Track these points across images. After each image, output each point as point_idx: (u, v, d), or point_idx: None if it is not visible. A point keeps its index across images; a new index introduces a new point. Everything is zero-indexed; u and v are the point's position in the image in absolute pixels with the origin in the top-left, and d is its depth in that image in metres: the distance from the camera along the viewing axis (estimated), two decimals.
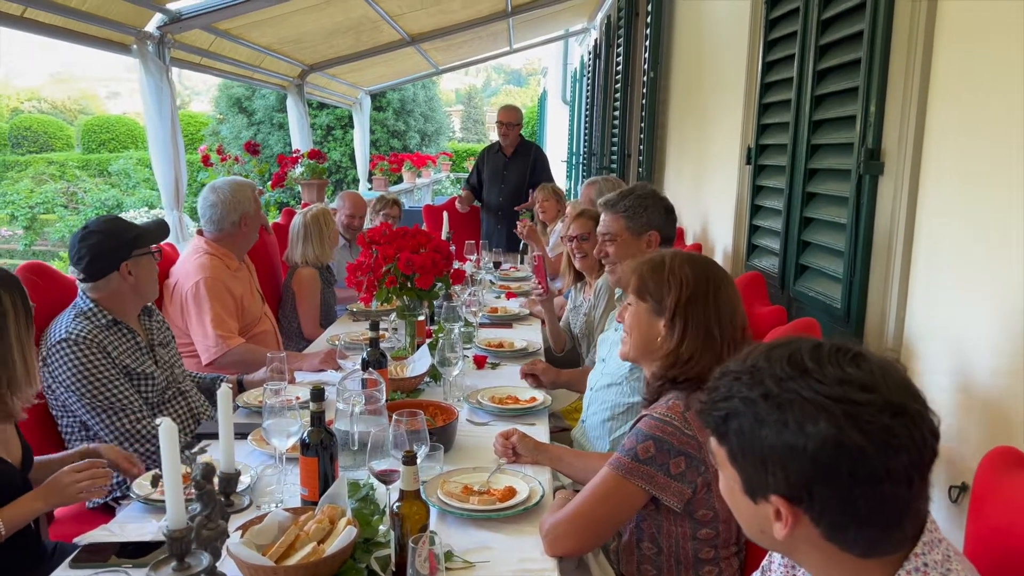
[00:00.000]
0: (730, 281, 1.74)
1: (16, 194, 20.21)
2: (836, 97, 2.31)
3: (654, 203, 2.66)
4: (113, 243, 2.32)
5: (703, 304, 1.67)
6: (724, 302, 1.68)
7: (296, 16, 5.52)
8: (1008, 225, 1.45)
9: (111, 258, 2.31)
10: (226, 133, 17.68)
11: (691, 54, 4.48)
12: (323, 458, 1.71)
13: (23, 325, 1.82)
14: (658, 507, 1.65)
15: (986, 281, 1.53)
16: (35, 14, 3.62)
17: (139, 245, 2.36)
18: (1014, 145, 1.44)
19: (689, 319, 1.67)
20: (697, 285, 1.68)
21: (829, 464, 0.88)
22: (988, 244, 1.54)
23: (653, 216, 2.65)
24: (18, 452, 1.88)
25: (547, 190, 5.37)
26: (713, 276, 1.71)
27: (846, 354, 0.93)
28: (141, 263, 2.37)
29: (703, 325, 1.66)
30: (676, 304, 1.68)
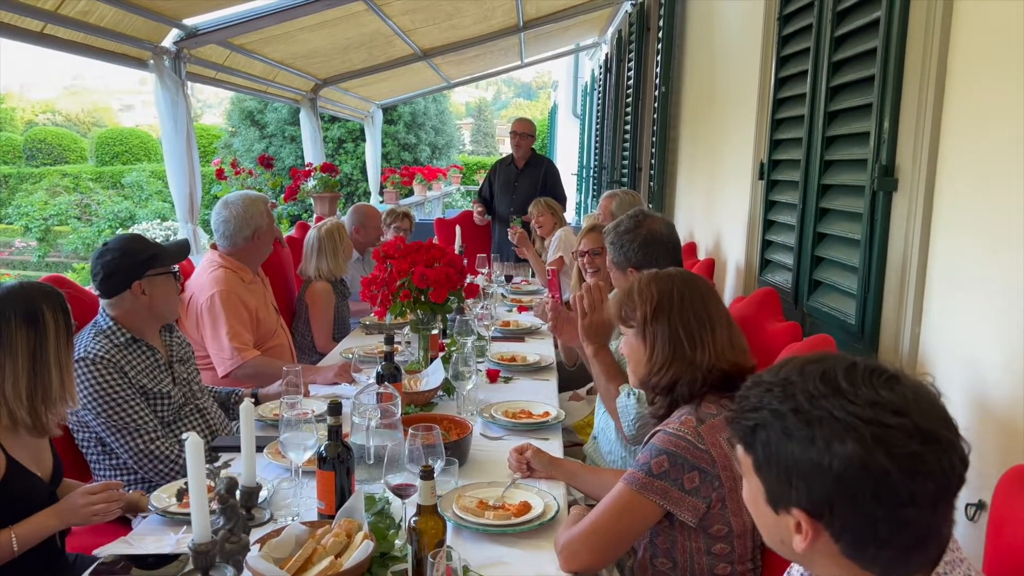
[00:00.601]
0: (699, 288, 1.80)
1: (30, 206, 20.40)
2: (850, 113, 2.31)
3: (632, 238, 2.66)
4: (127, 261, 2.33)
5: (667, 314, 1.75)
6: (688, 308, 1.75)
7: (310, 31, 5.58)
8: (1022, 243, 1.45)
9: (124, 276, 2.33)
10: (238, 146, 17.81)
11: (703, 69, 4.50)
12: (340, 472, 1.72)
13: (63, 341, 1.83)
14: (672, 522, 1.65)
15: (1001, 298, 1.53)
16: (55, 30, 3.67)
17: (154, 265, 2.36)
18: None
19: (657, 330, 1.75)
20: (660, 298, 1.77)
21: (853, 484, 0.89)
22: (1003, 260, 1.54)
23: (629, 252, 2.66)
24: (49, 466, 1.89)
25: (541, 204, 5.40)
26: (678, 287, 1.78)
27: (880, 375, 0.94)
28: (156, 283, 2.36)
29: (669, 334, 1.74)
30: (644, 318, 1.78)
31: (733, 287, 3.53)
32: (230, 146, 18.23)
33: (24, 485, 1.78)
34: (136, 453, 2.26)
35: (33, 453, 1.85)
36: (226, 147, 18.50)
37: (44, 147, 24.50)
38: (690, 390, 1.71)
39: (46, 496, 1.84)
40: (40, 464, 1.86)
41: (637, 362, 1.80)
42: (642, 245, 2.63)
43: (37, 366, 1.78)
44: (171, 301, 2.43)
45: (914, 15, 1.95)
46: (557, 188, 6.28)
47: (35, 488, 1.81)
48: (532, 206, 5.46)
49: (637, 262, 2.64)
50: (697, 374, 1.70)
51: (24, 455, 1.81)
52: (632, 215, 2.73)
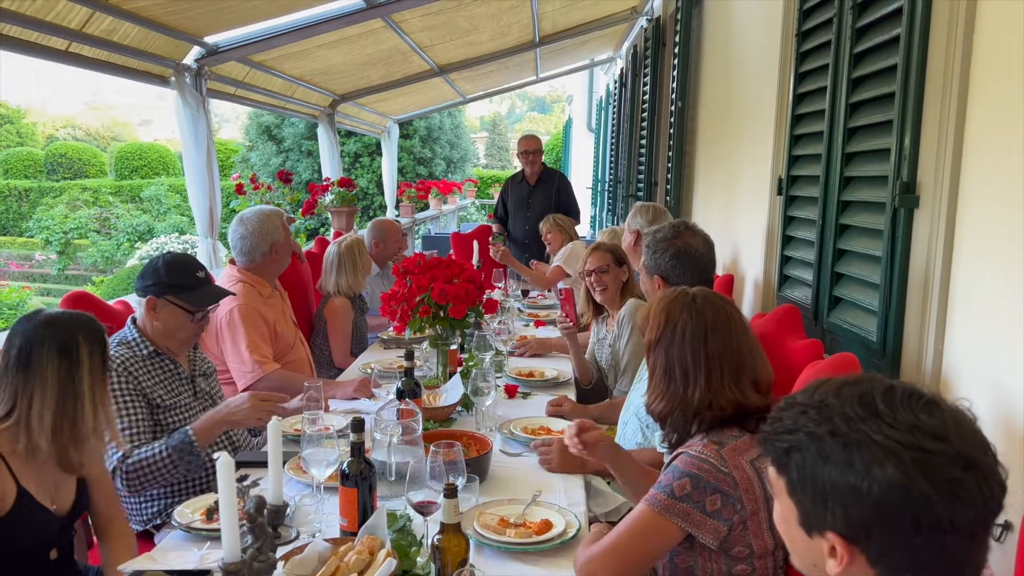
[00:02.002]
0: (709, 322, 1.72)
1: (51, 219, 20.67)
2: (869, 130, 2.31)
3: (664, 248, 2.65)
4: (158, 276, 2.36)
5: (666, 346, 1.74)
6: (688, 347, 1.71)
7: (328, 48, 5.63)
8: None
9: (146, 285, 2.36)
10: (255, 160, 17.97)
11: (719, 84, 4.50)
12: (362, 489, 1.72)
13: (98, 376, 1.78)
14: (693, 544, 1.64)
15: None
16: (79, 48, 3.73)
17: (175, 293, 2.35)
18: None
19: (656, 358, 1.76)
20: (664, 328, 1.75)
21: (893, 509, 0.88)
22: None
23: (659, 260, 2.66)
24: (68, 501, 1.83)
25: (550, 222, 5.44)
26: (683, 321, 1.73)
27: (919, 399, 0.93)
28: (168, 310, 2.35)
29: (665, 366, 1.73)
30: (648, 345, 1.78)
31: (752, 303, 3.52)
32: (247, 161, 18.39)
33: (33, 519, 1.73)
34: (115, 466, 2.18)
35: (52, 485, 1.80)
36: (243, 161, 18.67)
37: (65, 161, 24.83)
38: (682, 425, 1.70)
39: (56, 532, 1.79)
40: (58, 498, 1.81)
41: None
42: (673, 257, 2.63)
43: (67, 398, 1.72)
44: (176, 333, 2.38)
45: (935, 31, 1.94)
46: (571, 202, 6.29)
47: (45, 523, 1.76)
48: (542, 223, 5.49)
49: (664, 272, 2.64)
50: (688, 411, 1.68)
51: (39, 487, 1.76)
52: (674, 225, 2.74)
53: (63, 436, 1.73)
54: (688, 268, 2.63)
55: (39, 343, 1.72)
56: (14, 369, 1.71)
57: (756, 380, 1.72)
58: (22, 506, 1.70)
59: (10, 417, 1.70)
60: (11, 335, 1.75)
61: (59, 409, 1.71)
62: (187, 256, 2.59)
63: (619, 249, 3.46)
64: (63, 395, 1.72)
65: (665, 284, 2.62)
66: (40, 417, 1.70)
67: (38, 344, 1.72)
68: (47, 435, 1.70)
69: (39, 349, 1.72)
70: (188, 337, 2.43)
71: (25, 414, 1.70)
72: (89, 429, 1.76)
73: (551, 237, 5.39)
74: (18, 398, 1.70)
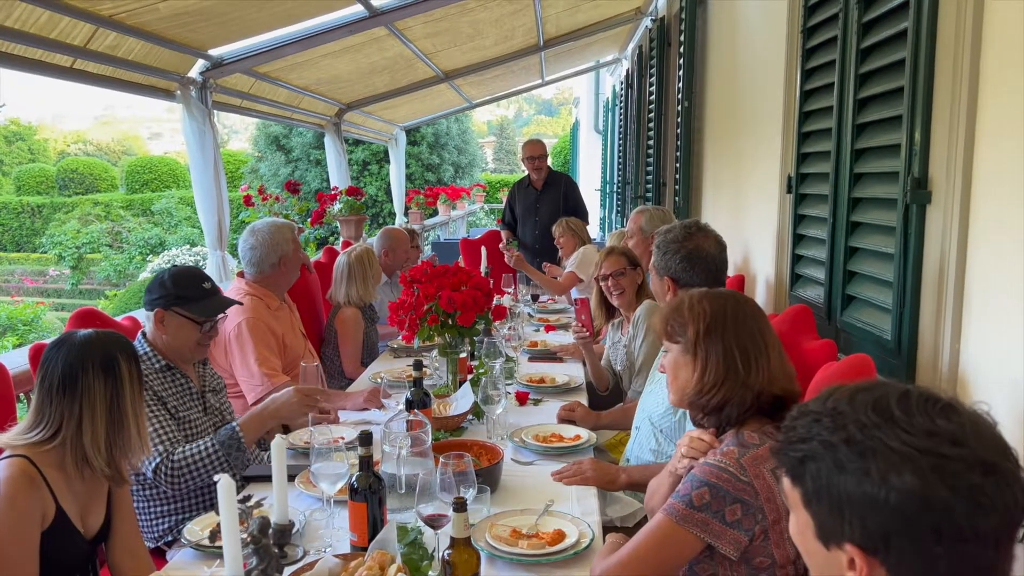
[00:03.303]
0: (751, 310, 1.76)
1: (64, 235, 20.84)
2: (879, 125, 2.28)
3: (676, 249, 2.61)
4: (165, 288, 2.36)
5: (721, 332, 1.70)
6: (744, 329, 1.71)
7: (333, 57, 5.63)
8: None
9: (154, 298, 2.36)
10: (264, 171, 18.06)
11: (726, 83, 4.47)
12: (372, 503, 1.70)
13: (137, 391, 1.83)
14: (713, 555, 1.61)
15: None
16: (84, 64, 3.74)
17: (182, 304, 2.35)
18: None
19: (710, 348, 1.70)
20: (714, 316, 1.72)
21: (912, 518, 0.85)
22: None
23: (669, 262, 2.62)
24: (97, 523, 1.85)
25: (563, 225, 5.41)
26: (731, 307, 1.74)
27: (935, 404, 0.90)
28: (176, 322, 2.35)
29: (723, 353, 1.69)
30: (696, 335, 1.72)
31: (764, 303, 3.49)
32: (256, 171, 18.49)
33: (64, 540, 1.75)
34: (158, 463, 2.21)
35: (83, 507, 1.82)
36: (252, 172, 18.77)
37: (76, 177, 25.03)
38: (739, 412, 1.67)
39: (84, 554, 1.82)
40: (87, 520, 1.83)
41: (684, 380, 1.75)
42: (684, 258, 2.60)
43: (114, 416, 1.77)
44: (187, 345, 2.38)
45: (943, 24, 1.91)
46: (579, 205, 6.26)
47: (74, 545, 1.78)
48: (555, 227, 5.46)
49: (675, 273, 2.60)
50: (748, 396, 1.66)
51: (73, 508, 1.78)
52: (686, 225, 2.70)
53: (115, 452, 1.78)
54: (700, 270, 2.59)
55: (81, 365, 1.75)
56: (60, 394, 1.74)
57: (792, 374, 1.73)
58: (59, 524, 1.74)
59: (55, 439, 1.73)
60: (46, 362, 1.78)
61: (110, 426, 1.77)
62: (193, 268, 2.59)
63: (632, 252, 3.44)
64: (111, 412, 1.77)
65: (676, 286, 2.59)
66: (94, 436, 1.74)
67: (80, 366, 1.75)
68: (103, 453, 1.75)
69: (83, 371, 1.75)
70: (197, 348, 2.42)
71: (74, 435, 1.73)
72: (135, 443, 1.82)
73: (563, 241, 5.37)
74: (64, 420, 1.73)
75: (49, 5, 3.12)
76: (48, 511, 1.71)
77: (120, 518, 1.90)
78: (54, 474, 1.73)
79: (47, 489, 1.71)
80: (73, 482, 1.76)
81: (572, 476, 2.20)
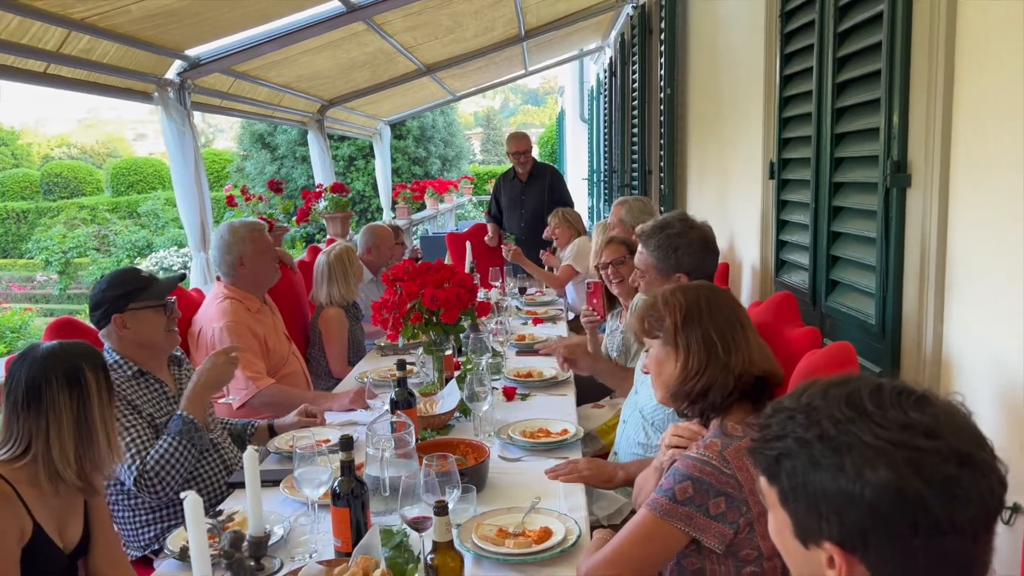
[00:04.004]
0: (723, 297, 1.78)
1: (50, 240, 20.68)
2: (858, 109, 2.27)
3: (688, 242, 2.57)
4: (110, 295, 2.33)
5: (698, 320, 1.72)
6: (719, 315, 1.73)
7: (312, 54, 5.58)
8: None
9: (106, 309, 2.33)
10: (250, 169, 17.94)
11: (707, 69, 4.45)
12: (355, 507, 1.69)
13: (106, 400, 1.79)
14: (699, 548, 1.60)
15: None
16: (57, 69, 3.69)
17: (135, 299, 2.33)
18: None
19: (689, 336, 1.72)
20: (690, 305, 1.74)
21: (888, 513, 0.84)
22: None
23: (683, 258, 2.57)
24: (76, 536, 1.83)
25: (559, 216, 5.37)
26: (704, 296, 1.76)
27: (909, 396, 0.89)
28: (139, 317, 2.33)
29: (702, 339, 1.70)
30: (675, 326, 1.73)
31: (750, 289, 3.48)
32: (242, 170, 18.37)
33: (43, 556, 1.72)
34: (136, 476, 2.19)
35: (60, 521, 1.79)
36: (239, 171, 18.65)
37: (61, 180, 24.84)
38: (722, 397, 1.68)
39: (63, 569, 1.79)
40: (65, 534, 1.80)
41: (668, 374, 1.75)
42: (700, 249, 2.57)
43: (82, 428, 1.73)
44: (158, 335, 2.37)
45: (918, 6, 1.90)
46: (564, 195, 6.24)
47: (54, 560, 1.75)
48: (551, 217, 5.42)
49: (689, 267, 2.56)
50: (730, 379, 1.67)
51: (50, 523, 1.75)
52: (681, 218, 2.66)
53: (85, 464, 1.74)
54: (711, 258, 2.61)
55: (45, 378, 1.72)
56: (25, 408, 1.71)
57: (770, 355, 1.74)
58: (37, 541, 1.71)
59: (27, 455, 1.70)
60: (11, 377, 1.74)
61: (78, 439, 1.73)
62: (125, 267, 2.58)
63: (632, 240, 3.42)
64: (79, 424, 1.73)
65: (689, 280, 2.55)
66: (62, 449, 1.71)
67: (44, 379, 1.72)
68: (72, 467, 1.72)
69: (47, 384, 1.71)
70: (168, 336, 2.41)
71: (44, 450, 1.70)
72: (105, 455, 1.78)
73: (559, 232, 5.33)
74: (33, 435, 1.70)
75: (18, 10, 3.06)
76: (25, 528, 1.68)
77: (99, 530, 1.87)
78: (28, 491, 1.70)
79: (22, 506, 1.68)
80: (48, 497, 1.73)
81: (568, 474, 2.17)
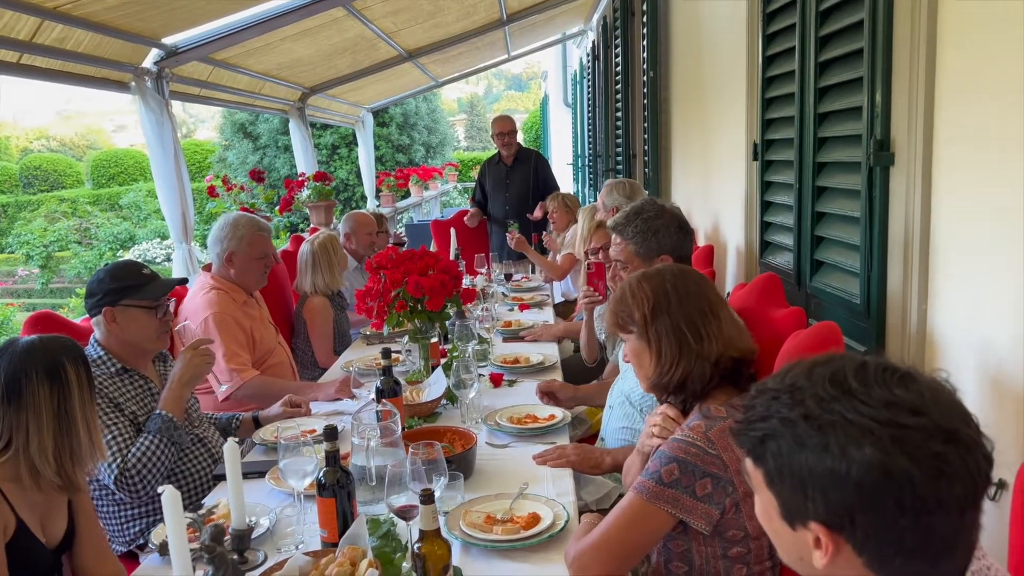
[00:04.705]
0: (692, 281, 1.76)
1: (30, 234, 20.42)
2: (840, 88, 2.26)
3: (664, 224, 2.56)
4: (105, 286, 2.30)
5: (666, 310, 1.71)
6: (688, 302, 1.71)
7: (292, 41, 5.52)
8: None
9: (99, 300, 2.30)
10: (232, 159, 17.78)
11: (690, 51, 4.43)
12: (341, 497, 1.67)
13: (87, 396, 1.77)
14: (686, 530, 1.60)
15: (1009, 269, 1.48)
16: (31, 59, 3.62)
17: (129, 295, 2.29)
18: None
19: (659, 328, 1.71)
20: (656, 296, 1.72)
21: (874, 492, 0.83)
22: (1008, 232, 1.48)
23: (664, 239, 2.56)
24: (60, 531, 1.80)
25: (558, 199, 5.33)
26: (671, 283, 1.74)
27: (893, 374, 0.88)
28: (129, 315, 2.30)
29: (672, 330, 1.70)
30: (644, 320, 1.73)
31: (735, 271, 3.48)
32: (224, 160, 18.20)
33: (26, 552, 1.70)
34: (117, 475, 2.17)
35: (43, 517, 1.77)
36: (221, 161, 18.48)
37: (40, 174, 24.52)
38: (701, 385, 1.68)
39: (47, 565, 1.76)
40: (49, 529, 1.78)
41: (646, 366, 1.74)
42: (676, 230, 2.57)
43: (63, 423, 1.71)
44: (146, 337, 2.34)
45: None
46: (549, 179, 6.23)
47: (38, 556, 1.73)
48: (550, 199, 5.38)
49: (671, 247, 2.56)
50: (706, 367, 1.66)
51: (31, 518, 1.73)
52: (650, 202, 2.66)
53: (64, 460, 1.72)
54: (687, 238, 2.61)
55: (24, 372, 1.69)
56: (5, 403, 1.68)
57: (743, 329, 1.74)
58: (21, 537, 1.69)
59: (8, 450, 1.68)
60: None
61: (57, 435, 1.70)
62: (128, 260, 2.53)
63: None
64: (59, 420, 1.71)
65: (675, 260, 2.55)
66: (41, 445, 1.68)
67: (23, 374, 1.69)
68: (51, 463, 1.69)
69: (26, 378, 1.69)
70: (158, 338, 2.38)
71: (24, 445, 1.68)
72: (86, 451, 1.76)
73: (556, 216, 5.29)
74: (13, 431, 1.68)
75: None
76: (8, 524, 1.66)
77: (84, 525, 1.85)
78: (10, 487, 1.68)
79: (5, 502, 1.66)
80: (30, 493, 1.71)
81: (556, 459, 2.17)
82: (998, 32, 1.52)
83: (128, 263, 2.42)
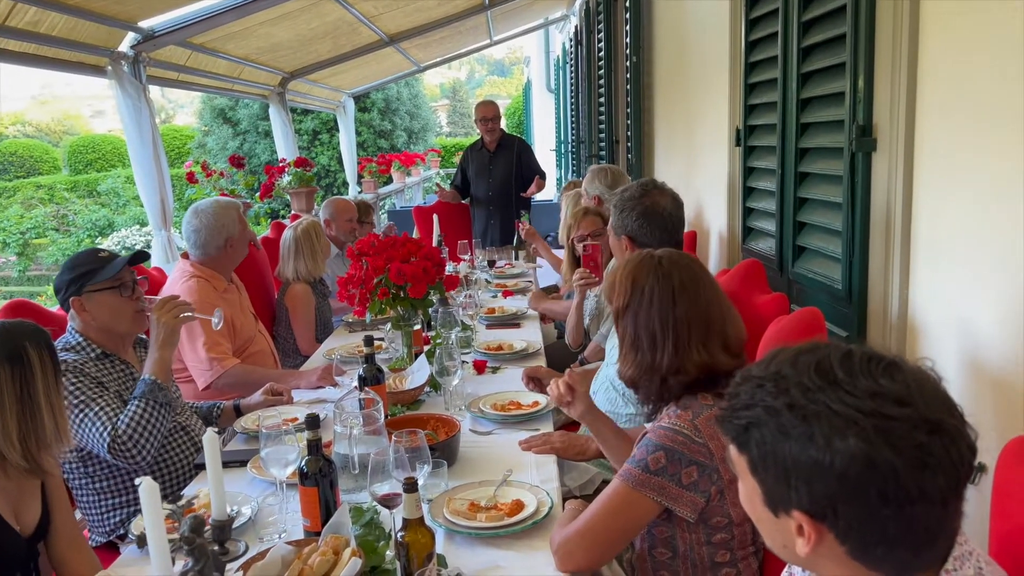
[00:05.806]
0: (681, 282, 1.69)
1: (6, 220, 20.12)
2: (823, 74, 2.26)
3: (631, 207, 2.59)
4: (67, 278, 2.26)
5: (634, 313, 1.71)
6: (656, 312, 1.67)
7: (271, 25, 5.45)
8: (1010, 196, 1.40)
9: (65, 293, 2.27)
10: (212, 145, 17.58)
11: (673, 36, 4.42)
12: (323, 486, 1.66)
13: (51, 380, 1.74)
14: (670, 517, 1.60)
15: (990, 255, 1.49)
16: (4, 43, 3.55)
17: (91, 280, 2.25)
18: (1010, 115, 1.39)
19: (625, 325, 1.73)
20: (631, 295, 1.72)
21: (857, 482, 0.83)
22: (990, 217, 1.49)
23: (626, 220, 2.59)
24: (34, 518, 1.78)
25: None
26: (652, 284, 1.70)
27: (878, 363, 0.88)
28: (96, 300, 2.26)
29: (633, 333, 1.71)
30: (616, 313, 1.75)
31: (717, 257, 3.49)
32: (204, 146, 17.99)
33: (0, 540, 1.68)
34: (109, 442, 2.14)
35: (16, 504, 1.74)
36: (200, 147, 18.27)
37: (16, 160, 24.14)
38: (649, 396, 1.69)
39: (23, 553, 1.74)
40: (22, 517, 1.75)
41: None
42: (640, 216, 2.57)
43: (26, 408, 1.68)
44: (122, 317, 2.31)
45: None
46: (533, 165, 6.20)
47: (12, 544, 1.71)
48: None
49: (631, 232, 2.58)
50: (657, 378, 1.65)
51: (4, 507, 1.71)
52: (642, 183, 2.68)
53: (30, 445, 1.69)
54: (656, 228, 2.57)
55: None
56: None
57: (726, 341, 1.67)
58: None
59: None
60: None
61: (21, 418, 1.68)
62: (85, 248, 2.48)
63: (605, 212, 3.44)
64: (22, 403, 1.68)
65: (633, 244, 2.57)
66: (4, 429, 1.66)
67: None
68: (16, 446, 1.67)
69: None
70: (136, 319, 2.34)
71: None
72: (51, 435, 1.73)
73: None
74: None
75: None
76: None
77: (57, 512, 1.83)
78: None
79: None
80: (9, 473, 1.69)
81: (541, 445, 2.16)
82: (980, 17, 1.52)
83: (84, 251, 2.38)
